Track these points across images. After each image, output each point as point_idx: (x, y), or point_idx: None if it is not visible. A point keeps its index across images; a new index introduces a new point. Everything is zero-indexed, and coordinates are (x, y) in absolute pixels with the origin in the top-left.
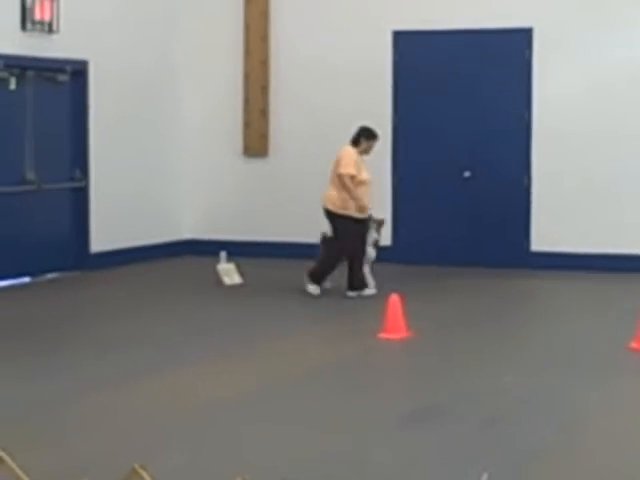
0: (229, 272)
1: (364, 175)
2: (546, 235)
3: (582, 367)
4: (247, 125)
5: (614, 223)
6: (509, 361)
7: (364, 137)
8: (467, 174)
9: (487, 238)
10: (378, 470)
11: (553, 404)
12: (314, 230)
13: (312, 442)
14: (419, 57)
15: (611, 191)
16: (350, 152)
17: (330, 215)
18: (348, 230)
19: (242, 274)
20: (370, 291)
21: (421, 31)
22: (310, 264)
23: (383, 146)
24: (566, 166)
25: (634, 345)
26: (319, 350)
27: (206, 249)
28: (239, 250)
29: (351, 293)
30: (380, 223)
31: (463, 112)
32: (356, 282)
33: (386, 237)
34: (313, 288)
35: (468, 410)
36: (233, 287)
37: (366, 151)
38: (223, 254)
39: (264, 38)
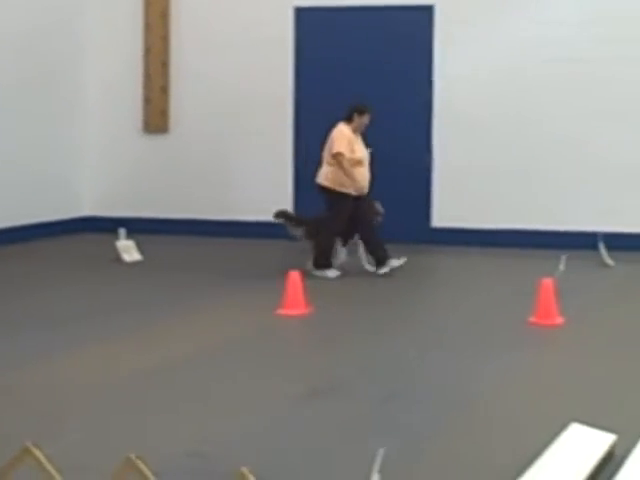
0: (128, 249)
1: (359, 154)
2: (447, 212)
3: (482, 342)
4: (147, 101)
5: (514, 200)
6: (409, 337)
7: (357, 113)
8: (369, 150)
9: (388, 214)
10: (276, 448)
11: (451, 379)
12: (213, 206)
13: (214, 420)
14: (321, 33)
15: (512, 169)
16: (343, 130)
17: (325, 191)
18: (343, 207)
19: (142, 251)
20: (332, 273)
21: (323, 7)
22: (214, 242)
23: (284, 123)
24: (468, 144)
25: (533, 319)
26: (216, 328)
27: (105, 226)
28: (139, 227)
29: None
30: (377, 213)
31: (365, 89)
32: (320, 260)
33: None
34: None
35: (366, 386)
36: (132, 264)
37: (359, 127)
38: (122, 231)
39: (164, 13)
